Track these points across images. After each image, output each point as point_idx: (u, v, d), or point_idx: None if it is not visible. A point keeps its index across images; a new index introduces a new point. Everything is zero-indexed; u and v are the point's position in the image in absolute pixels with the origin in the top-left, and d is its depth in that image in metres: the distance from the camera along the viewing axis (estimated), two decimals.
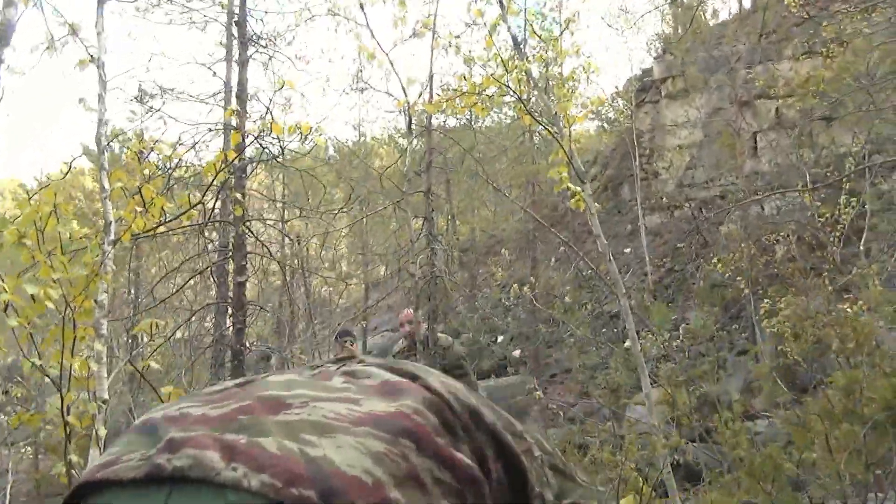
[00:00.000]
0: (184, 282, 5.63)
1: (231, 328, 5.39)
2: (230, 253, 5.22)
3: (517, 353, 15.52)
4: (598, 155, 19.82)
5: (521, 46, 4.06)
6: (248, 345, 5.66)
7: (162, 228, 3.66)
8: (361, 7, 4.82)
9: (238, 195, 3.48)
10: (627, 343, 14.23)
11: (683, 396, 9.44)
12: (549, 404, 10.01)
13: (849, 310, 6.55)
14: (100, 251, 3.06)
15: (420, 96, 4.52)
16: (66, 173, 3.50)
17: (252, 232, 5.47)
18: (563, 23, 4.41)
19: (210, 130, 5.74)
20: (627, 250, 17.15)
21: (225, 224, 5.16)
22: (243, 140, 3.18)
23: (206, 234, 5.47)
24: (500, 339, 16.07)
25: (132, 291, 12.79)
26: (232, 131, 3.02)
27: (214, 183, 3.23)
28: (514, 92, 3.92)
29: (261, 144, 3.99)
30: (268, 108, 4.30)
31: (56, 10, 3.45)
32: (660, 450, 3.45)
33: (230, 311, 5.43)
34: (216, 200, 4.18)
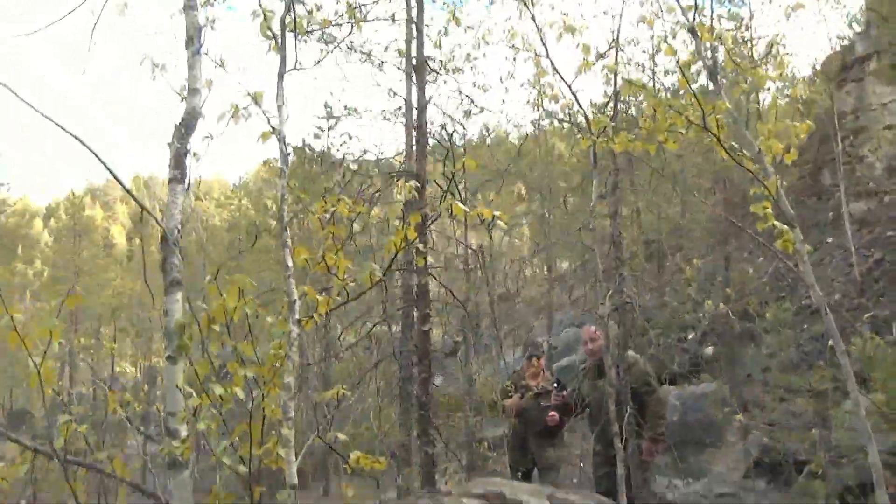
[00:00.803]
0: (369, 329, 5.66)
1: (417, 377, 5.37)
2: (414, 301, 5.19)
3: (709, 350, 14.83)
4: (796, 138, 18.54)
5: (718, 77, 3.72)
6: (434, 390, 5.62)
7: (332, 287, 3.64)
8: (542, 40, 4.60)
9: (420, 245, 3.39)
10: (832, 341, 13.27)
11: None
12: (748, 423, 9.44)
13: None
14: (285, 333, 3.04)
15: (605, 129, 4.25)
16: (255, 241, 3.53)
17: (436, 278, 5.41)
18: (767, 46, 4.01)
19: (392, 177, 5.73)
20: (830, 240, 15.94)
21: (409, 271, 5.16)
22: (424, 219, 3.08)
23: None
24: (690, 335, 15.41)
25: (323, 329, 12.89)
26: (411, 213, 2.91)
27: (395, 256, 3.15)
28: (711, 132, 3.61)
29: (444, 191, 3.90)
30: (444, 194, 4.17)
31: (239, 83, 3.47)
32: None
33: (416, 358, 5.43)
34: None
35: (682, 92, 3.62)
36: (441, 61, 5.43)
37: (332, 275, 3.57)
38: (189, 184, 2.93)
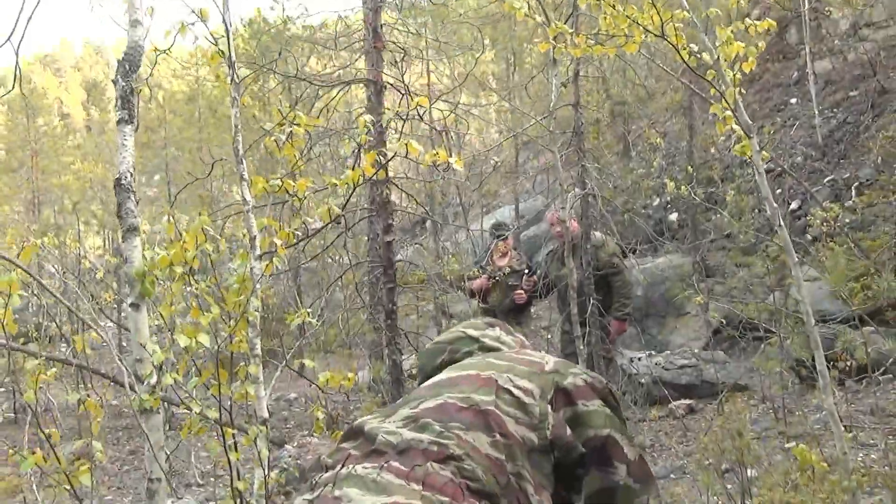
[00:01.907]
0: (329, 242, 5.63)
1: (383, 287, 5.41)
2: (375, 211, 5.16)
3: (674, 216, 15.05)
4: None
5: None
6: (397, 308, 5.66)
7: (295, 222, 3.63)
8: None
9: (379, 157, 3.35)
10: (794, 205, 13.47)
11: (842, 266, 8.86)
12: (708, 295, 9.69)
13: None
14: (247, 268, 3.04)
15: (562, 35, 4.14)
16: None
17: (399, 186, 5.36)
18: None
19: (347, 84, 5.56)
20: (794, 101, 15.93)
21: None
22: (383, 157, 3.03)
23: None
24: (656, 202, 15.57)
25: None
26: (365, 153, 2.86)
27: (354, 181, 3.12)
28: (668, 41, 3.55)
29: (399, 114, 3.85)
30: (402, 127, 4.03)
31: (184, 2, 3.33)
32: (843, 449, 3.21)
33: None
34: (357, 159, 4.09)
35: None
36: None
37: (292, 196, 3.55)
38: (137, 125, 2.84)
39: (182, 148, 20.24)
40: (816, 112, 14.26)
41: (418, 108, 3.52)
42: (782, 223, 3.51)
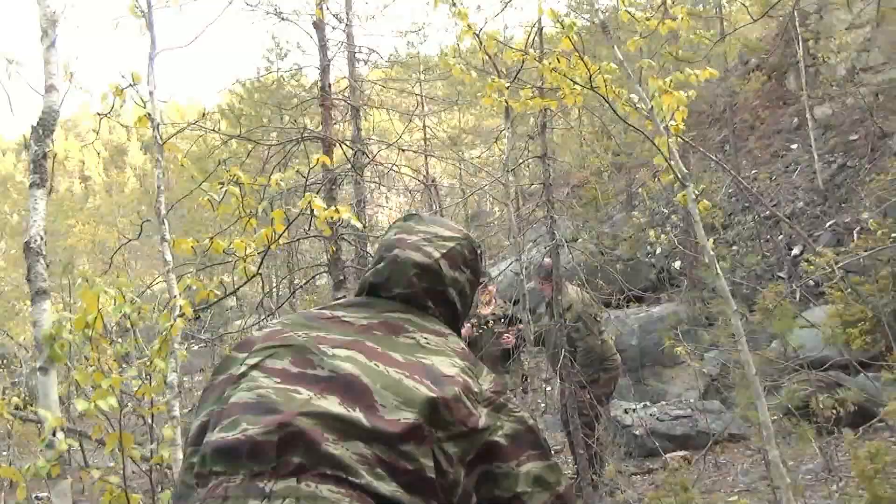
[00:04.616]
0: (281, 302, 5.60)
1: None
2: (326, 268, 5.16)
3: (678, 264, 14.92)
4: (759, 41, 18.26)
5: (610, 36, 3.63)
6: None
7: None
8: None
9: (327, 211, 3.32)
10: (795, 251, 13.33)
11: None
12: (698, 348, 9.52)
13: None
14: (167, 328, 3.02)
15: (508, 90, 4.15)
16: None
17: (349, 241, 5.36)
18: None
19: (299, 142, 5.59)
20: (794, 146, 15.89)
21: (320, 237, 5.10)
22: (335, 230, 3.00)
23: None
24: (658, 250, 15.47)
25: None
26: (316, 213, 2.83)
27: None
28: (600, 95, 3.54)
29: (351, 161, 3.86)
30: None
31: (117, 68, 3.37)
32: None
33: None
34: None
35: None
36: (339, 17, 5.19)
37: (230, 255, 3.54)
38: (50, 189, 2.85)
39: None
40: (816, 157, 14.17)
41: (366, 160, 3.52)
42: (720, 272, 3.46)
